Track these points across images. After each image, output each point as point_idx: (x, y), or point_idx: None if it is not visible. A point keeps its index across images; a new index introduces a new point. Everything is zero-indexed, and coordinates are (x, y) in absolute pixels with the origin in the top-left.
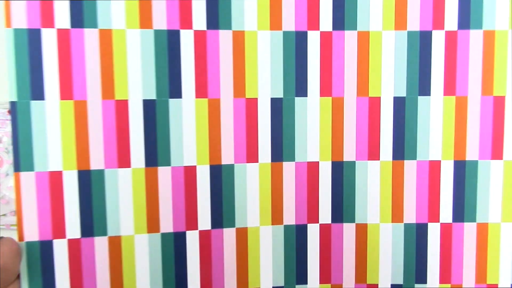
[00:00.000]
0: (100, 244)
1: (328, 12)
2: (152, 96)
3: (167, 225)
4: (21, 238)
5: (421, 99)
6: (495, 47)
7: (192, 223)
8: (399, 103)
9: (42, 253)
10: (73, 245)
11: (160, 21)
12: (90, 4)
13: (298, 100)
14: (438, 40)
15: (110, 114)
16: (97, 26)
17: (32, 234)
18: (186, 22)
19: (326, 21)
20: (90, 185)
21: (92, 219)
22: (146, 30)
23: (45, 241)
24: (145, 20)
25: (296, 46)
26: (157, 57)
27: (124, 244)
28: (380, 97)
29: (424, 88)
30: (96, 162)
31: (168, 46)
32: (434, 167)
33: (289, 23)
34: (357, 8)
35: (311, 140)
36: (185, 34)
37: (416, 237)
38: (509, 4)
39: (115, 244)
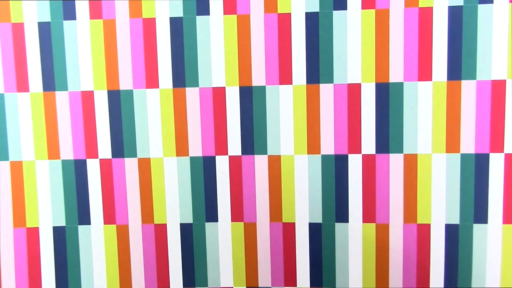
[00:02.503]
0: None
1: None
2: None
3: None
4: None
5: (336, 14)
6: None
7: (92, 151)
8: (311, 18)
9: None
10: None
11: None
12: None
13: (199, 19)
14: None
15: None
16: None
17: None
18: None
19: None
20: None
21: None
22: None
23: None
24: None
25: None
26: None
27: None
28: (290, 14)
29: (340, 1)
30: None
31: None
32: (353, 90)
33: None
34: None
35: (216, 64)
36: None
37: (335, 170)
38: None
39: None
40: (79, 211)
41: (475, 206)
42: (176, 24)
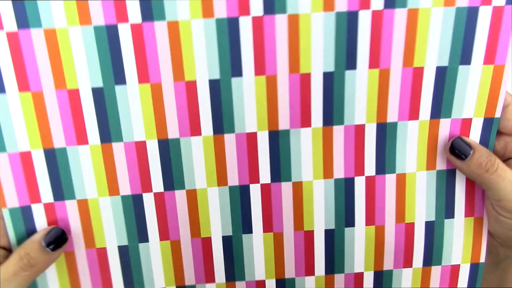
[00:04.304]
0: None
1: None
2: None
3: None
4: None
5: (347, 73)
6: (418, 24)
7: (147, 186)
8: (327, 77)
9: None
10: None
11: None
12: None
13: (234, 80)
14: (364, 20)
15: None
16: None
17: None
18: (122, 15)
19: (256, 6)
20: None
21: None
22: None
23: None
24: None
25: (229, 32)
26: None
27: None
28: (310, 73)
29: (351, 63)
30: None
31: (108, 41)
32: (359, 129)
33: (221, 11)
34: None
35: (248, 114)
36: (123, 28)
37: (344, 189)
38: None
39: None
40: (138, 230)
41: (446, 206)
42: (214, 85)
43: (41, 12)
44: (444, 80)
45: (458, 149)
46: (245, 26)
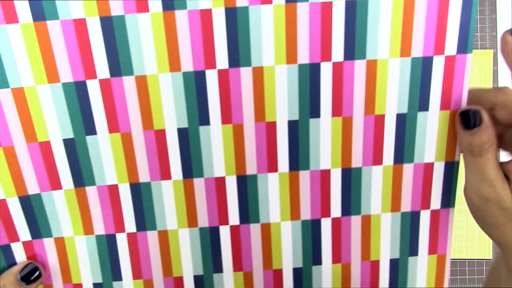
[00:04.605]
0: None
1: (223, 49)
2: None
3: None
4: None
5: (312, 121)
6: (377, 74)
7: (120, 226)
8: (292, 125)
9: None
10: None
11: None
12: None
13: (202, 128)
14: (326, 71)
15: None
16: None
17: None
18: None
19: (222, 59)
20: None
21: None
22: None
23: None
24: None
25: (196, 84)
26: None
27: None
28: (275, 122)
29: (314, 111)
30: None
31: (77, 96)
32: (324, 175)
33: (188, 65)
34: (250, 43)
35: (217, 159)
36: (92, 83)
37: (311, 230)
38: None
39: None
40: (112, 268)
41: (410, 244)
42: (183, 133)
43: (8, 73)
44: (405, 126)
45: (471, 115)
46: (211, 79)
